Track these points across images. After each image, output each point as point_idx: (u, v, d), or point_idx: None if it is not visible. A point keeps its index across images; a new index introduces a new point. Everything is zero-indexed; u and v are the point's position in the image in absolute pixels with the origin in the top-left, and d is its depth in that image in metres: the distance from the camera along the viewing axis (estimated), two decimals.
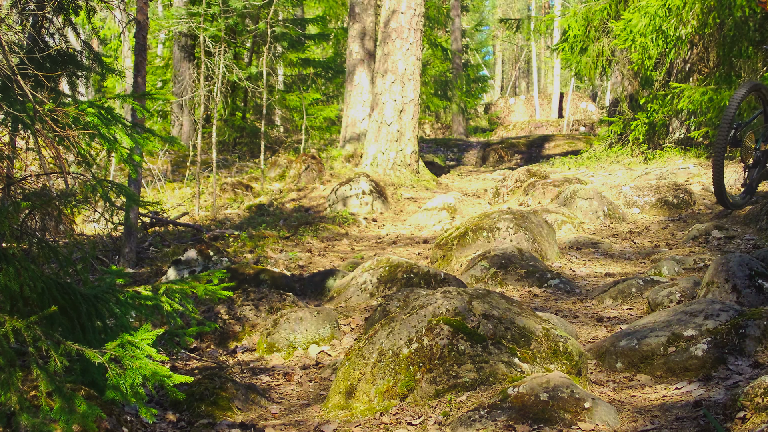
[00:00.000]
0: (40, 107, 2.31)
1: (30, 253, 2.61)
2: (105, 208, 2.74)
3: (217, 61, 8.83)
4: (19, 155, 3.26)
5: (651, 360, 2.76)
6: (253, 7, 10.80)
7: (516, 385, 2.42)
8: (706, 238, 4.83)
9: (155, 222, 6.68)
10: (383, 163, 8.60)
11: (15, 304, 2.17)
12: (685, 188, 5.90)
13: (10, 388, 1.89)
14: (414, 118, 8.73)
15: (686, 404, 2.41)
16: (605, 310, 3.70)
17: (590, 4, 9.89)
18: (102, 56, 4.40)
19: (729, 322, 2.75)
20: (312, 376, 3.25)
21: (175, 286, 2.57)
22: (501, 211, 5.32)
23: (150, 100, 5.60)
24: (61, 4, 3.68)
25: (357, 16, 10.35)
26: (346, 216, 6.89)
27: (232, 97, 12.47)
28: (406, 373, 2.60)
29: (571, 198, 5.88)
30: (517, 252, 4.49)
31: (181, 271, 4.80)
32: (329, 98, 15.77)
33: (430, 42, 18.03)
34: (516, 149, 12.55)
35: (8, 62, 2.36)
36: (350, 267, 5.02)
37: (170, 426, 2.64)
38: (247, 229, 6.45)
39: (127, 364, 2.05)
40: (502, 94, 34.05)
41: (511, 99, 25.71)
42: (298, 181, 8.76)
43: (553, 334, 2.71)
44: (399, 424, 2.47)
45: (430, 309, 2.74)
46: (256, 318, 3.89)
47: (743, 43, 8.02)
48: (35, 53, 3.06)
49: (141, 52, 5.18)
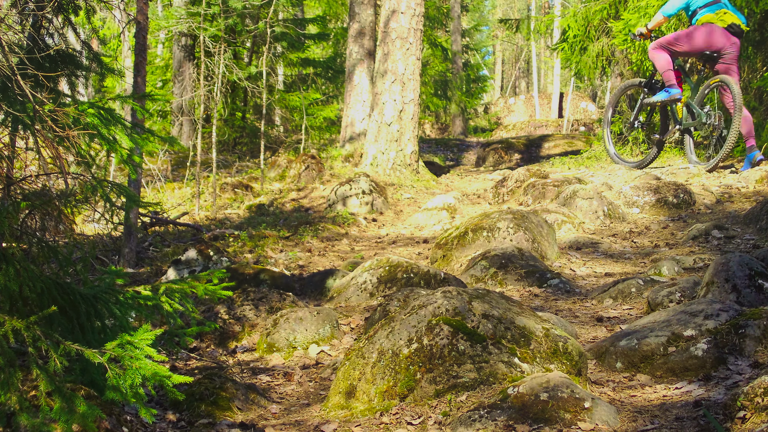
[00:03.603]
0: (40, 107, 2.31)
1: (30, 253, 2.61)
2: (105, 209, 2.74)
3: (217, 61, 8.83)
4: (19, 155, 3.26)
5: (651, 360, 2.76)
6: (253, 7, 10.80)
7: (516, 385, 2.42)
8: (706, 238, 4.84)
9: (155, 222, 6.68)
10: (383, 163, 8.61)
11: (14, 304, 2.17)
12: (685, 188, 5.91)
13: (10, 388, 1.89)
14: (414, 118, 8.73)
15: (686, 404, 2.41)
16: (605, 310, 3.70)
17: (590, 4, 9.89)
18: (102, 56, 4.40)
19: (729, 322, 2.75)
20: (312, 376, 3.26)
21: (175, 285, 2.57)
22: (501, 211, 5.32)
23: (150, 100, 5.55)
24: (60, 4, 3.68)
25: (357, 16, 10.35)
26: (346, 216, 6.90)
27: (232, 97, 12.47)
28: (406, 373, 2.60)
29: (571, 198, 5.88)
30: (517, 252, 4.49)
31: (181, 271, 4.81)
32: (329, 98, 15.77)
33: (430, 42, 18.03)
34: (516, 149, 12.55)
35: (8, 62, 2.36)
36: (350, 267, 5.02)
37: (170, 426, 2.65)
38: (247, 229, 6.46)
39: (127, 365, 2.05)
40: (501, 94, 34.05)
41: (510, 99, 25.72)
42: (298, 181, 8.76)
43: (553, 334, 2.71)
44: (399, 423, 2.48)
45: (430, 309, 2.74)
46: (256, 318, 3.89)
47: (743, 43, 8.02)
48: (35, 53, 3.06)
49: (141, 52, 5.18)
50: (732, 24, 6.38)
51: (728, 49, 6.46)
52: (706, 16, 6.48)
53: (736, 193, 6.10)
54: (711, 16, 6.43)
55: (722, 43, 6.44)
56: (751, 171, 6.43)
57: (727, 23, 6.41)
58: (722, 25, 6.41)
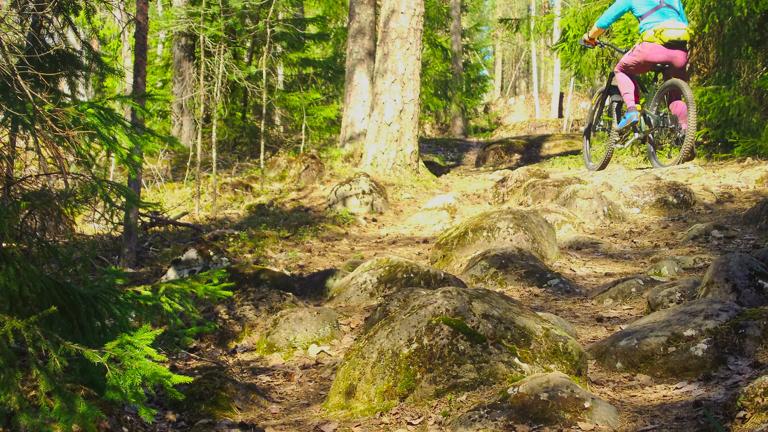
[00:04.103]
0: (40, 107, 2.31)
1: (30, 253, 2.61)
2: (105, 209, 2.74)
3: (217, 60, 8.83)
4: (19, 155, 3.26)
5: (651, 360, 2.76)
6: (253, 7, 10.80)
7: (516, 385, 2.42)
8: (706, 238, 4.84)
9: (155, 222, 6.68)
10: (383, 163, 8.60)
11: (14, 304, 2.17)
12: (685, 188, 5.90)
13: (10, 388, 1.89)
14: (414, 118, 8.73)
15: (686, 404, 2.41)
16: (605, 310, 3.70)
17: (590, 4, 9.89)
18: (102, 56, 4.40)
19: (729, 321, 2.75)
20: (312, 375, 3.26)
21: (175, 285, 2.57)
22: (501, 211, 5.32)
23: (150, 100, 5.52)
24: (60, 4, 3.68)
25: (356, 15, 10.34)
26: (346, 216, 6.90)
27: (231, 97, 12.47)
28: (406, 373, 2.60)
29: (571, 198, 5.88)
30: (517, 252, 4.49)
31: (180, 271, 4.81)
32: (329, 98, 15.76)
33: (430, 42, 18.03)
34: (516, 149, 12.54)
35: (8, 62, 2.36)
36: (350, 267, 5.02)
37: (170, 426, 2.64)
38: (247, 229, 6.46)
39: (127, 365, 2.05)
40: (502, 94, 34.05)
41: (510, 99, 25.72)
42: (298, 181, 8.76)
43: (553, 334, 2.71)
44: (399, 423, 2.48)
45: (430, 309, 2.74)
46: (256, 318, 3.89)
47: (743, 43, 8.02)
48: (35, 53, 3.05)
49: (141, 52, 5.18)
50: (670, 42, 6.91)
51: (672, 60, 7.03)
52: (647, 34, 7.06)
53: (736, 193, 6.10)
54: (651, 37, 7.00)
55: (665, 56, 7.02)
56: (751, 171, 6.43)
57: (665, 41, 6.93)
58: (661, 44, 6.97)
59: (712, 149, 8.24)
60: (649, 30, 7.01)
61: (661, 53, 6.99)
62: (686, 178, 6.67)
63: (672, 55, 6.98)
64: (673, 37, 6.89)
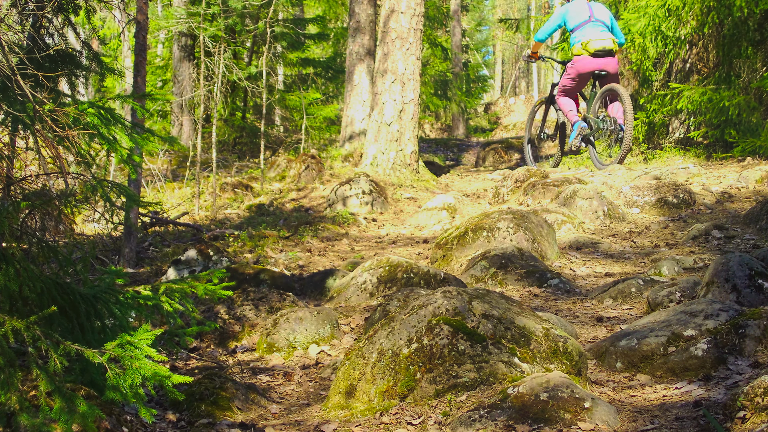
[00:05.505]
0: (40, 107, 2.31)
1: (30, 253, 2.61)
2: (105, 208, 2.74)
3: (217, 60, 8.83)
4: (19, 155, 3.25)
5: (651, 360, 2.76)
6: (253, 7, 10.80)
7: (516, 385, 2.42)
8: (706, 237, 4.84)
9: (155, 222, 6.68)
10: (383, 163, 8.60)
11: (14, 304, 2.17)
12: (685, 188, 5.90)
13: (10, 388, 1.89)
14: (414, 118, 8.73)
15: (686, 404, 2.41)
16: (605, 310, 3.70)
17: None
18: (102, 56, 4.40)
19: (729, 321, 2.75)
20: (312, 375, 3.26)
21: (175, 285, 2.57)
22: (501, 210, 5.32)
23: (150, 100, 5.55)
24: (60, 4, 3.68)
25: (356, 15, 10.34)
26: (346, 216, 6.90)
27: (231, 97, 12.47)
28: (406, 373, 2.60)
29: (571, 198, 5.88)
30: (517, 252, 4.49)
31: (180, 271, 4.81)
32: (329, 98, 15.76)
33: (430, 42, 18.02)
34: (516, 149, 12.53)
35: (8, 62, 2.36)
36: (350, 267, 5.02)
37: (170, 426, 2.64)
38: (247, 228, 6.46)
39: (127, 365, 2.05)
40: (502, 94, 34.04)
41: (511, 99, 25.70)
42: (298, 180, 8.76)
43: (553, 333, 2.71)
44: (399, 423, 2.48)
45: (429, 309, 2.74)
46: (256, 318, 3.89)
47: (743, 43, 8.02)
48: (35, 53, 3.06)
49: (141, 52, 5.18)
50: (596, 51, 7.33)
51: (605, 67, 7.44)
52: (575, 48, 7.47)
53: (736, 193, 6.10)
54: (579, 50, 7.42)
55: (596, 65, 7.45)
56: (751, 171, 6.43)
57: (591, 52, 7.35)
58: (588, 54, 7.40)
59: (712, 149, 8.25)
60: (577, 44, 7.46)
61: (592, 63, 7.42)
62: (686, 178, 6.67)
63: (603, 63, 7.40)
64: (599, 48, 7.33)
